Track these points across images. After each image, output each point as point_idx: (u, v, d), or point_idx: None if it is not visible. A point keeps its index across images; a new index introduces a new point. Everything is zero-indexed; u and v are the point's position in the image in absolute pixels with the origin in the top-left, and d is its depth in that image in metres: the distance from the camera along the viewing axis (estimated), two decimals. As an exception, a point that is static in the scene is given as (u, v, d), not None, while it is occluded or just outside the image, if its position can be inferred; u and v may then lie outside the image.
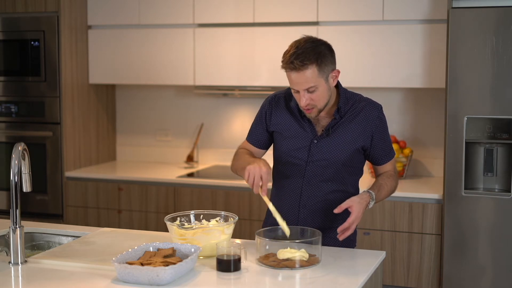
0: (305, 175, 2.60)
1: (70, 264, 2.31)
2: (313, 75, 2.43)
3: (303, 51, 2.42)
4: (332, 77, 2.50)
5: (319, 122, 2.61)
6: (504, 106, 3.59)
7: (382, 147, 2.63)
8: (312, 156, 2.58)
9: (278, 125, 2.65)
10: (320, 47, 2.45)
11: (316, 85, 2.45)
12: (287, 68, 2.45)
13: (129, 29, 4.65)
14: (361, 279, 2.19)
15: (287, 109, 2.64)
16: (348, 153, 2.58)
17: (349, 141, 2.57)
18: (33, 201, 4.58)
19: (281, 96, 2.69)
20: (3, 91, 4.63)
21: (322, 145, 2.58)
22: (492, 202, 3.64)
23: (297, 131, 2.61)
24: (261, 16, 4.34)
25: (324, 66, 2.44)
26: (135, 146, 5.09)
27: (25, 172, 2.37)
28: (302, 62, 2.40)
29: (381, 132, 2.61)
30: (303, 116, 2.59)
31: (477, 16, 3.59)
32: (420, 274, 3.89)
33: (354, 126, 2.57)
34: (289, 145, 2.62)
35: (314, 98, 2.47)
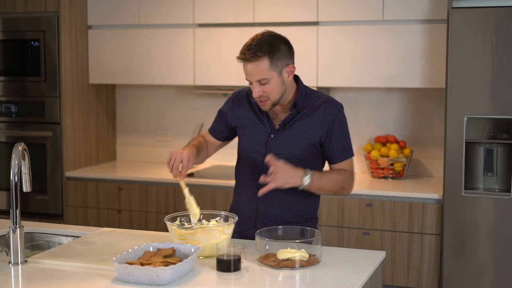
0: (263, 170, 2.62)
1: (70, 264, 2.31)
2: (264, 67, 2.49)
3: (258, 43, 2.50)
4: (287, 72, 2.55)
5: (277, 116, 2.65)
6: (504, 106, 3.59)
7: (338, 145, 2.63)
8: (269, 150, 2.62)
9: (239, 120, 2.72)
10: (276, 41, 2.52)
11: (268, 78, 2.50)
12: (240, 59, 2.53)
13: (129, 29, 4.65)
14: (361, 279, 2.18)
15: (249, 104, 2.71)
16: (304, 148, 2.61)
17: (305, 136, 2.60)
18: (33, 201, 4.58)
19: (244, 91, 2.76)
20: (3, 91, 4.63)
21: (279, 140, 2.62)
22: (492, 202, 3.64)
23: (256, 125, 2.67)
24: (261, 16, 4.34)
25: (277, 60, 2.50)
26: (135, 146, 5.09)
27: (25, 172, 2.37)
28: (254, 53, 2.48)
29: (338, 130, 2.62)
30: (262, 111, 2.65)
31: (477, 16, 3.59)
32: (420, 274, 3.89)
33: (311, 121, 2.60)
34: (248, 139, 2.68)
35: (266, 90, 2.52)
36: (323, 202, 4.02)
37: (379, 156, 4.27)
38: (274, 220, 2.64)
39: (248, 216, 2.69)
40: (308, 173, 2.48)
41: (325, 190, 2.60)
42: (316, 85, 4.24)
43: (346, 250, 2.55)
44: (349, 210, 3.99)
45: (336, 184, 2.60)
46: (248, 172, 2.69)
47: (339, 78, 4.23)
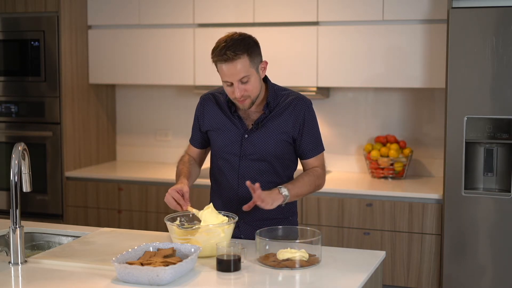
0: (240, 170, 2.65)
1: (70, 264, 2.31)
2: (245, 65, 2.50)
3: (233, 43, 2.50)
4: (261, 68, 2.59)
5: (249, 116, 2.66)
6: (504, 106, 3.59)
7: (308, 141, 2.66)
8: (244, 150, 2.64)
9: (211, 123, 2.72)
10: (248, 39, 2.56)
11: (249, 75, 2.52)
12: (219, 61, 2.52)
13: (129, 29, 4.65)
14: (361, 279, 2.19)
15: (218, 106, 2.71)
16: (278, 145, 2.63)
17: (278, 133, 2.62)
18: (33, 201, 4.58)
19: (211, 95, 2.77)
20: (3, 91, 4.63)
21: (253, 139, 2.63)
22: (492, 202, 3.64)
23: (228, 127, 2.67)
24: (261, 16, 4.34)
25: (254, 57, 2.53)
26: (135, 146, 5.09)
27: (25, 172, 2.37)
28: (234, 52, 2.48)
29: (309, 126, 2.65)
30: (233, 112, 2.66)
31: (477, 16, 3.59)
32: (420, 274, 3.89)
33: (283, 119, 2.62)
34: (221, 141, 2.69)
35: (247, 88, 2.53)
36: (323, 203, 4.02)
37: (379, 156, 4.27)
38: (256, 218, 2.65)
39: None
40: (282, 187, 2.52)
41: (303, 195, 2.64)
42: (316, 85, 4.24)
43: (346, 250, 2.55)
44: (349, 210, 3.99)
45: (310, 186, 2.64)
46: (225, 174, 2.70)
47: (339, 78, 4.23)
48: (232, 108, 2.66)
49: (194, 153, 2.85)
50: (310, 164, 2.70)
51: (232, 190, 2.69)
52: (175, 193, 2.52)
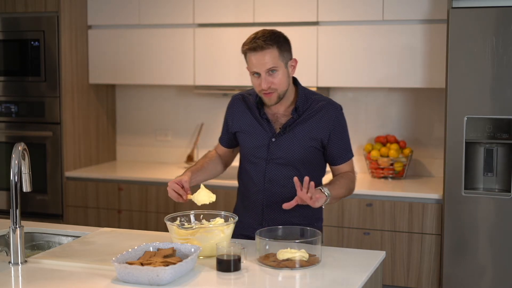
0: (266, 174, 2.64)
1: (70, 264, 2.31)
2: (274, 56, 2.51)
3: (264, 35, 2.54)
4: (291, 65, 2.59)
5: (277, 120, 2.66)
6: (504, 106, 3.59)
7: (338, 147, 2.65)
8: (271, 154, 2.63)
9: (240, 125, 2.72)
10: (278, 34, 2.57)
11: (277, 67, 2.52)
12: (249, 50, 2.54)
13: (129, 29, 4.65)
14: (361, 279, 2.19)
15: (247, 108, 2.71)
16: (305, 150, 2.61)
17: (306, 138, 2.61)
18: (33, 201, 4.57)
19: (241, 96, 2.77)
20: (3, 91, 4.63)
21: (280, 143, 2.62)
22: (492, 202, 3.64)
23: (256, 129, 2.67)
24: (261, 16, 4.34)
25: (284, 51, 2.54)
26: (135, 146, 5.09)
27: (25, 172, 2.37)
28: (264, 42, 2.50)
29: (338, 132, 2.64)
30: (262, 115, 2.65)
31: (477, 16, 3.59)
32: (420, 274, 3.89)
33: (312, 124, 2.61)
34: (249, 144, 2.68)
35: (274, 81, 2.53)
36: (323, 202, 4.02)
37: (379, 156, 4.27)
38: (280, 223, 2.63)
39: (253, 219, 2.69)
40: (324, 187, 2.50)
41: (340, 198, 2.63)
42: (316, 85, 4.24)
43: (346, 250, 2.55)
44: (349, 210, 3.99)
45: (346, 189, 2.64)
46: (251, 177, 2.69)
47: (339, 78, 4.23)
48: (261, 110, 2.64)
49: (220, 152, 2.87)
50: (341, 170, 2.69)
51: (258, 193, 2.68)
52: (174, 185, 2.54)
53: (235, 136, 2.78)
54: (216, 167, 2.84)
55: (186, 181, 2.56)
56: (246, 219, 2.70)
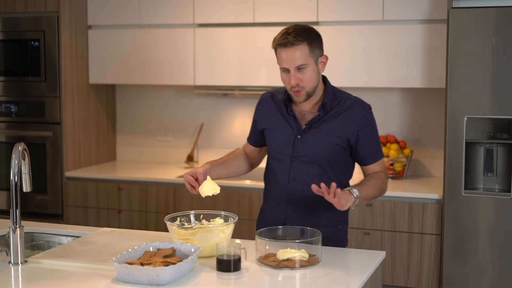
0: (291, 171, 2.61)
1: (70, 264, 2.31)
2: (304, 53, 2.49)
3: (295, 30, 2.50)
4: (321, 62, 2.57)
5: (304, 117, 2.63)
6: (504, 106, 3.59)
7: (368, 146, 2.61)
8: (297, 152, 2.60)
9: (267, 122, 2.70)
10: (310, 30, 2.55)
11: (306, 64, 2.50)
12: (279, 45, 2.52)
13: (129, 29, 4.65)
14: (361, 279, 2.19)
15: (275, 105, 2.69)
16: (331, 148, 2.57)
17: (331, 136, 2.57)
18: (33, 201, 4.57)
19: (270, 94, 2.76)
20: (3, 91, 4.63)
21: (306, 140, 2.59)
22: (492, 202, 3.64)
23: (283, 126, 2.64)
24: (261, 16, 4.34)
25: (314, 48, 2.52)
26: (135, 146, 5.09)
27: (25, 172, 2.37)
28: (295, 38, 2.48)
29: (367, 131, 2.60)
30: (289, 112, 2.62)
31: (477, 16, 3.59)
32: (420, 274, 3.89)
33: (338, 122, 2.58)
34: (276, 142, 2.66)
35: (303, 78, 2.51)
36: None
37: (379, 156, 4.26)
38: (303, 223, 2.60)
39: (276, 218, 2.66)
40: (353, 188, 2.45)
41: (370, 199, 2.58)
42: (316, 85, 4.24)
43: (346, 250, 2.55)
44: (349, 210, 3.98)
45: (376, 190, 2.59)
46: (276, 175, 2.66)
47: (339, 78, 4.22)
48: (288, 107, 2.62)
49: (248, 151, 2.85)
50: (372, 170, 2.64)
51: (281, 192, 2.64)
52: (188, 176, 2.55)
53: (262, 135, 2.75)
54: (241, 165, 2.81)
55: (200, 173, 2.55)
56: (270, 218, 2.68)
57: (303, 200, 2.60)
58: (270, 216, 2.70)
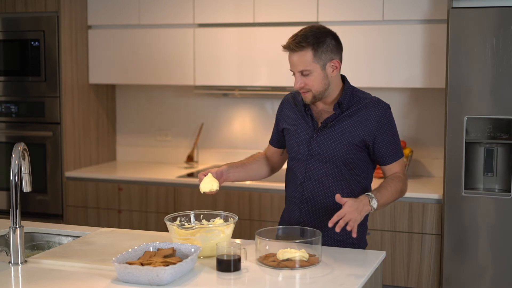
0: (307, 170, 2.60)
1: (70, 264, 2.31)
2: (307, 59, 2.47)
3: (304, 34, 2.49)
4: (331, 66, 2.52)
5: (321, 116, 2.62)
6: (504, 106, 3.59)
7: (386, 146, 2.58)
8: (312, 150, 2.59)
9: (287, 121, 2.70)
10: (322, 34, 2.50)
11: (311, 70, 2.49)
12: (284, 48, 2.52)
13: (129, 29, 4.65)
14: (361, 279, 2.19)
15: (295, 105, 2.69)
16: (347, 148, 2.56)
17: (347, 135, 2.55)
18: (33, 201, 4.58)
19: (291, 94, 2.76)
20: (3, 91, 4.63)
21: (321, 139, 2.58)
22: (492, 202, 3.64)
23: (301, 125, 2.64)
24: (261, 16, 4.34)
25: (321, 53, 2.48)
26: (135, 146, 5.09)
27: (25, 172, 2.37)
28: (298, 43, 2.47)
29: (385, 131, 2.57)
30: (307, 111, 2.62)
31: (477, 16, 3.59)
32: (420, 274, 3.89)
33: (355, 121, 2.56)
34: (294, 140, 2.66)
35: (307, 82, 2.50)
36: (323, 202, 4.02)
37: (379, 156, 4.26)
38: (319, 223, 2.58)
39: (293, 217, 2.65)
40: (372, 197, 2.45)
41: (389, 203, 2.57)
42: (316, 85, 4.24)
43: (346, 250, 2.54)
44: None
45: (396, 193, 2.57)
46: (294, 173, 2.66)
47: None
48: (306, 106, 2.62)
49: (269, 152, 2.84)
50: (391, 169, 2.62)
51: (297, 191, 2.64)
52: (201, 176, 2.56)
53: (283, 135, 2.75)
54: (260, 168, 2.80)
55: (213, 172, 2.56)
56: (289, 217, 2.68)
57: (319, 199, 2.60)
58: (288, 215, 2.69)
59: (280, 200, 4.03)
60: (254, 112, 4.76)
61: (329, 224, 2.35)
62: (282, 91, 4.35)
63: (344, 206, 2.36)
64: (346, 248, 2.56)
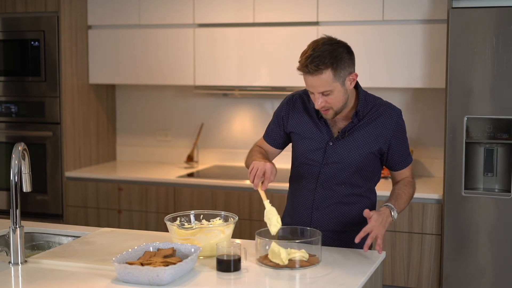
0: (319, 178, 2.58)
1: (70, 264, 2.31)
2: (328, 80, 2.39)
3: (320, 55, 2.38)
4: (350, 80, 2.46)
5: (336, 124, 2.58)
6: (504, 106, 3.59)
7: (400, 153, 2.60)
8: (327, 159, 2.57)
9: (296, 126, 2.64)
10: (337, 50, 2.41)
11: (331, 89, 2.41)
12: (302, 71, 2.42)
13: (129, 29, 4.65)
14: (361, 279, 2.19)
15: (305, 110, 2.63)
16: (363, 156, 2.55)
17: (365, 144, 2.54)
18: (33, 201, 4.58)
19: (299, 96, 2.67)
20: (3, 91, 4.63)
21: (338, 148, 2.55)
22: (492, 202, 3.64)
23: (313, 132, 2.59)
24: (261, 16, 4.34)
25: (340, 71, 2.40)
26: (135, 146, 5.09)
27: (25, 172, 2.37)
28: (317, 66, 2.37)
29: (399, 137, 2.58)
30: (320, 118, 2.57)
31: (477, 16, 3.59)
32: (420, 274, 3.89)
33: (371, 129, 2.54)
34: (305, 147, 2.61)
35: (329, 101, 2.44)
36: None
37: (379, 156, 4.26)
38: (329, 229, 2.58)
39: (301, 222, 2.63)
40: (393, 209, 2.47)
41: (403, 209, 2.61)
42: (316, 85, 4.24)
43: (346, 250, 2.54)
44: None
45: (409, 199, 2.62)
46: (304, 179, 2.63)
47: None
48: (319, 113, 2.55)
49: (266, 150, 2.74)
50: (402, 174, 2.64)
51: (308, 197, 2.61)
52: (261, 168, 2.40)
53: (289, 137, 2.69)
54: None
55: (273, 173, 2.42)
56: (294, 221, 2.66)
57: (330, 205, 2.59)
58: (295, 220, 2.65)
59: (280, 200, 4.03)
60: (254, 112, 4.76)
61: (356, 240, 2.37)
62: (282, 91, 4.35)
63: (370, 221, 2.37)
64: (346, 248, 2.55)
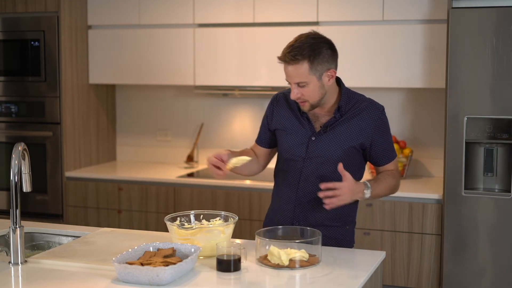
0: (302, 172, 2.61)
1: (70, 264, 2.31)
2: (303, 71, 2.46)
3: (300, 46, 2.46)
4: (328, 76, 2.51)
5: (318, 119, 2.62)
6: (504, 106, 3.59)
7: (383, 148, 2.62)
8: (310, 153, 2.60)
9: (279, 123, 2.69)
10: (319, 45, 2.49)
11: (307, 81, 2.47)
12: (280, 60, 2.50)
13: (129, 29, 4.65)
14: (361, 279, 2.19)
15: (288, 106, 2.68)
16: (345, 151, 2.58)
17: (347, 139, 2.58)
18: (33, 201, 4.58)
19: (282, 94, 2.73)
20: (3, 91, 4.63)
21: (320, 142, 2.59)
22: (492, 202, 3.64)
23: (296, 127, 2.64)
24: (261, 16, 4.34)
25: (317, 64, 2.47)
26: (135, 146, 5.09)
27: (25, 172, 2.37)
28: (293, 56, 2.45)
29: (381, 133, 2.61)
30: (302, 113, 2.62)
31: (477, 16, 3.59)
32: (420, 274, 3.89)
33: (353, 124, 2.58)
34: (288, 142, 2.65)
35: (304, 93, 2.50)
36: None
37: (379, 156, 4.26)
38: (311, 223, 2.60)
39: (284, 218, 2.66)
40: (369, 187, 2.50)
41: (380, 196, 2.62)
42: (316, 85, 4.24)
43: (346, 250, 2.54)
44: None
45: (389, 189, 2.63)
46: (287, 174, 2.66)
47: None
48: (301, 109, 2.61)
49: (257, 152, 2.81)
50: (385, 169, 2.67)
51: (291, 192, 2.65)
52: (212, 158, 2.52)
53: (274, 135, 2.74)
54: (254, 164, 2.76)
55: (225, 154, 2.53)
56: (277, 217, 2.68)
57: (313, 200, 2.61)
58: (278, 215, 2.69)
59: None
60: (254, 112, 4.76)
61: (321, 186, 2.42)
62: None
63: (345, 181, 2.42)
64: (346, 248, 2.56)
